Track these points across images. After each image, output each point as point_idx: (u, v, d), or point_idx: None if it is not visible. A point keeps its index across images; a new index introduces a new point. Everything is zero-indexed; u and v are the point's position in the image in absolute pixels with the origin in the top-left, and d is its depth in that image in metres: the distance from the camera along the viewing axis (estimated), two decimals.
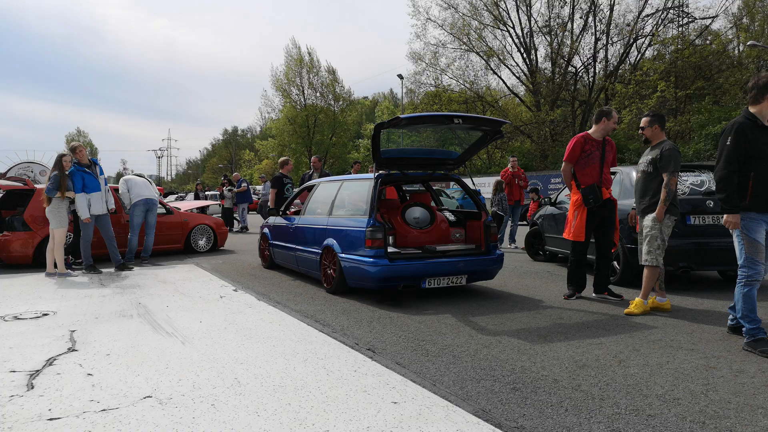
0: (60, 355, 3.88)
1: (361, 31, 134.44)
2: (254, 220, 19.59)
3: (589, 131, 5.81)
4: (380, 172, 6.24)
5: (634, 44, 33.36)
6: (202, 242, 10.87)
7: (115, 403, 2.96)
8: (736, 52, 32.72)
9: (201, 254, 10.58)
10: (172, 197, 37.12)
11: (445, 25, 37.64)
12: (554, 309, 5.40)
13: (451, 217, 6.84)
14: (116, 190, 9.35)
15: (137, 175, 9.42)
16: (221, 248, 11.36)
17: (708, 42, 31.24)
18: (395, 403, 2.94)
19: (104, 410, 2.85)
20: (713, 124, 24.36)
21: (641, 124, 5.37)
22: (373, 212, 5.75)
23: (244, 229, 17.10)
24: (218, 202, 18.22)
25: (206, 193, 21.40)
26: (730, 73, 29.23)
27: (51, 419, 2.75)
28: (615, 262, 6.57)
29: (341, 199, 6.66)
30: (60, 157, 7.79)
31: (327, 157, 48.68)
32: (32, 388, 3.21)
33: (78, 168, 7.88)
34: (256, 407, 2.88)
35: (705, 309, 5.32)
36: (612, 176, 6.08)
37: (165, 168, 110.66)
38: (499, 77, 38.66)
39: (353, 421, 2.71)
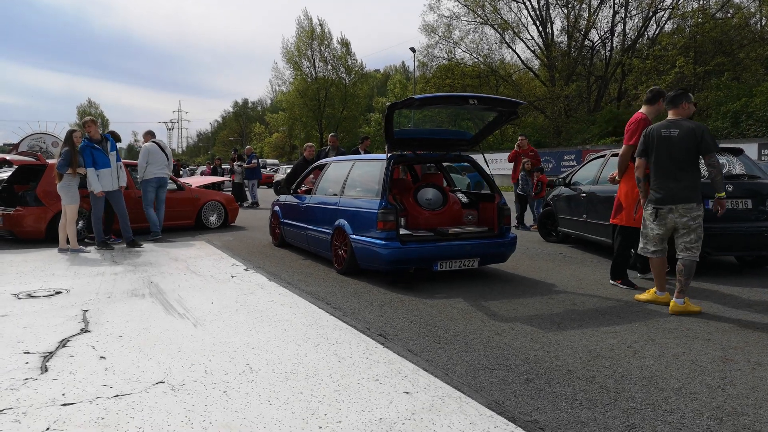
0: (73, 336, 3.90)
1: (374, 2, 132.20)
2: (265, 196, 19.57)
3: (643, 111, 5.39)
4: (393, 153, 6.15)
5: (653, 18, 32.51)
6: (213, 218, 10.88)
7: (128, 388, 2.96)
8: (759, 26, 31.76)
9: (212, 230, 10.59)
10: (186, 169, 37.30)
11: None
12: (567, 294, 5.34)
13: (464, 199, 6.75)
14: (131, 168, 9.43)
15: (157, 143, 9.14)
16: (232, 224, 11.38)
17: (729, 15, 30.34)
18: (407, 393, 2.92)
19: (117, 396, 2.86)
20: (732, 101, 23.73)
21: None
22: (385, 194, 5.68)
23: (254, 205, 17.16)
24: (229, 178, 18.22)
25: (223, 167, 21.20)
26: (751, 48, 28.35)
27: (65, 404, 2.76)
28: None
29: (353, 179, 6.59)
30: (70, 133, 7.77)
31: (338, 130, 48.36)
32: (46, 371, 3.22)
33: (89, 144, 7.85)
34: (268, 395, 2.87)
35: (722, 295, 5.24)
36: None
37: (176, 140, 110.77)
38: (514, 51, 38.01)
39: (365, 411, 2.69)
